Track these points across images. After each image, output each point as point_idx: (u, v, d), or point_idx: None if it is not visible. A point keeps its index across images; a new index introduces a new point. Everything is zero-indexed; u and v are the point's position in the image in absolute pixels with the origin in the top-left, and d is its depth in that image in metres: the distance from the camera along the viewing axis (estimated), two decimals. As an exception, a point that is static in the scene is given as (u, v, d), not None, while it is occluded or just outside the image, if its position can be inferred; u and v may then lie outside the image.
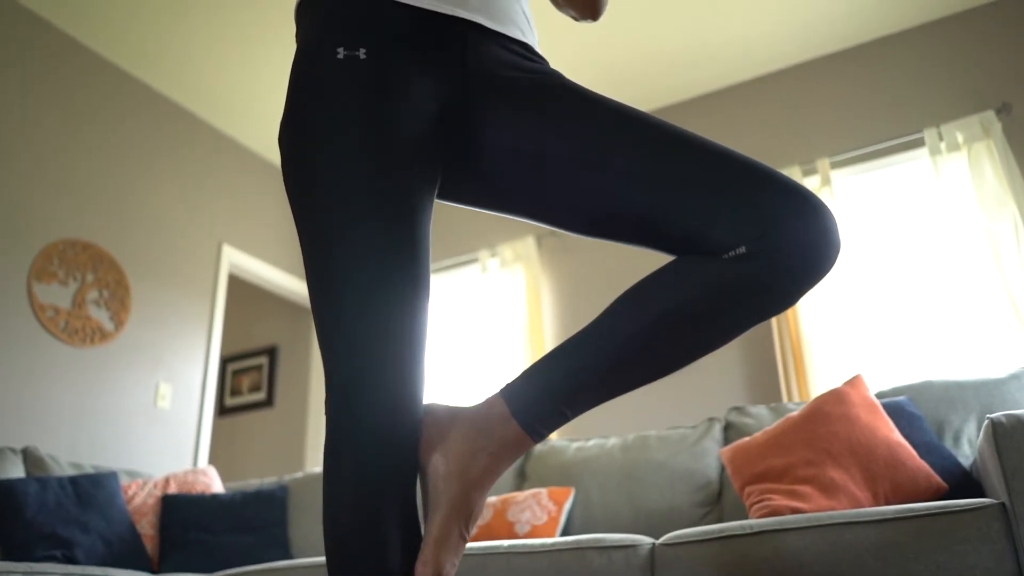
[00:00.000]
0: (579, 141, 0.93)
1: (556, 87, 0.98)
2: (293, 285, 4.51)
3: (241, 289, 5.37)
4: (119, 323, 3.53)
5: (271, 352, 5.00)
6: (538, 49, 1.08)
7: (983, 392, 2.20)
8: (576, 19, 1.17)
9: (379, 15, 0.96)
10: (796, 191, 0.84)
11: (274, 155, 4.57)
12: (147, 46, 3.69)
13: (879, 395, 2.33)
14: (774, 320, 3.51)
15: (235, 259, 4.20)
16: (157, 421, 3.59)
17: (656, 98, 4.19)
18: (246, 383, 5.04)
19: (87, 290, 3.45)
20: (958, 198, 3.35)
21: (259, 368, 5.02)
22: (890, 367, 3.36)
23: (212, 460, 4.96)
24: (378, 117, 0.91)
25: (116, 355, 3.49)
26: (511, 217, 1.14)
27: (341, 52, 0.94)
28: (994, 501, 1.54)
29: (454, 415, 0.93)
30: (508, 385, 0.91)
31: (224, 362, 5.19)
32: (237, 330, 5.24)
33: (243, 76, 3.89)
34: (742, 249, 0.82)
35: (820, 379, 3.34)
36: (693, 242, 0.85)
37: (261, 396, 4.94)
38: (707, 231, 0.84)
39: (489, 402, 0.92)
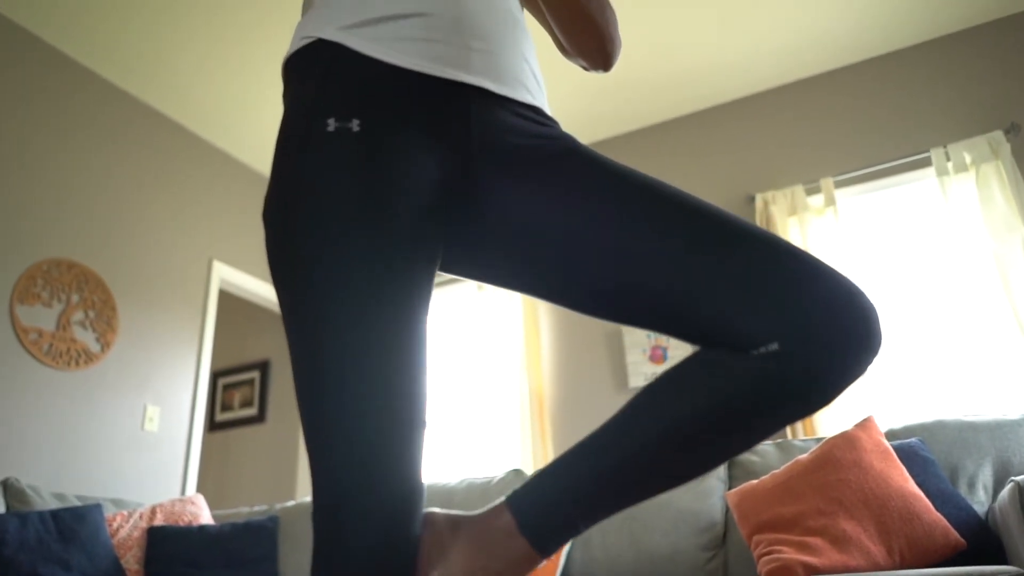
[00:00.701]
0: (592, 218, 0.85)
1: (568, 155, 0.90)
2: (285, 300, 4.41)
3: (232, 303, 5.27)
4: (105, 344, 3.43)
5: (263, 367, 4.91)
6: (548, 110, 1.00)
7: (998, 435, 2.12)
8: (587, 69, 1.10)
9: (375, 80, 0.87)
10: (839, 283, 0.75)
11: (265, 166, 4.47)
12: (136, 58, 3.59)
13: (890, 434, 2.26)
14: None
15: (226, 275, 4.11)
16: (144, 445, 3.49)
17: (656, 113, 4.10)
18: (237, 398, 4.95)
19: (72, 311, 3.35)
20: (966, 220, 3.28)
21: (251, 383, 4.92)
22: (897, 395, 3.28)
23: (202, 478, 4.86)
24: (374, 198, 0.83)
25: (102, 377, 3.40)
26: (513, 292, 1.04)
27: (332, 123, 0.85)
28: (1018, 570, 1.47)
29: (455, 526, 0.84)
30: (515, 493, 0.83)
31: (215, 376, 5.09)
32: (228, 344, 5.15)
33: (234, 88, 3.80)
34: (774, 346, 0.73)
35: (825, 419, 3.26)
36: (718, 333, 0.76)
37: (252, 411, 4.85)
38: (735, 322, 0.75)
39: (494, 511, 0.83)
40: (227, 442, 4.89)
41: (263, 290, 4.31)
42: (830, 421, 3.22)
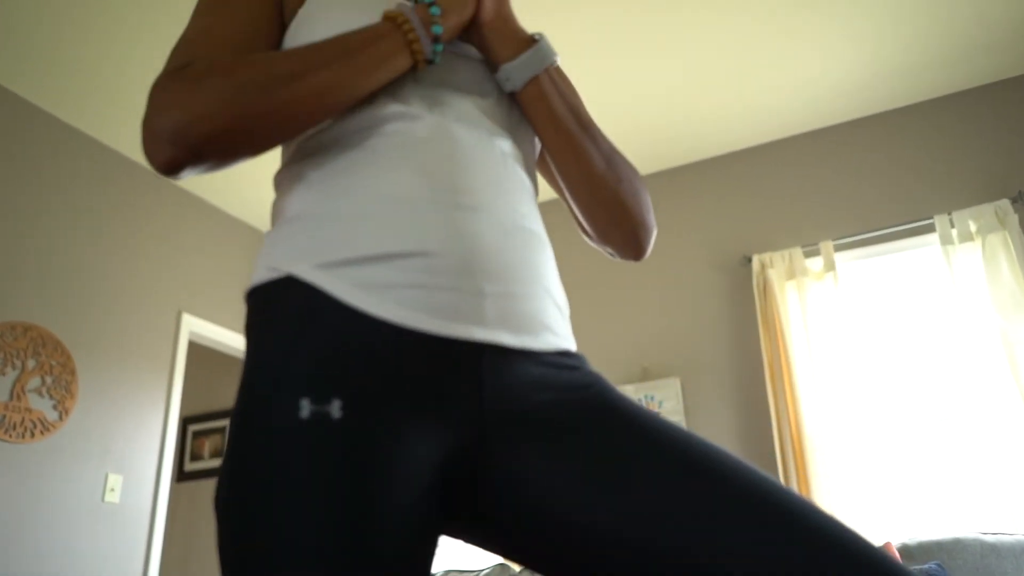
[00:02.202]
0: (621, 498, 0.69)
1: (597, 411, 0.74)
2: (258, 350, 4.20)
3: (202, 349, 5.05)
4: (64, 411, 3.21)
5: (234, 415, 4.69)
6: (572, 342, 0.83)
7: (1023, 559, 1.99)
8: (614, 256, 0.94)
9: (362, 341, 0.69)
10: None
11: (239, 210, 4.26)
12: (90, 95, 3.38)
13: (904, 552, 2.11)
14: (774, 419, 3.28)
15: (196, 327, 3.89)
16: (105, 518, 3.27)
17: (651, 162, 3.95)
18: (207, 447, 4.73)
19: (27, 378, 3.13)
20: (971, 294, 3.15)
21: (221, 432, 4.70)
22: (902, 489, 3.15)
23: (168, 534, 4.64)
24: (358, 505, 0.65)
25: (60, 448, 3.18)
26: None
27: (306, 407, 0.67)
28: None
29: None
30: None
31: (184, 422, 4.87)
32: (198, 389, 4.92)
33: None
34: None
35: (824, 485, 3.12)
36: None
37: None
38: None
39: None
40: (196, 494, 4.67)
41: (236, 341, 4.10)
42: (827, 491, 3.07)
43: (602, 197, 0.86)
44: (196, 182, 3.98)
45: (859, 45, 3.16)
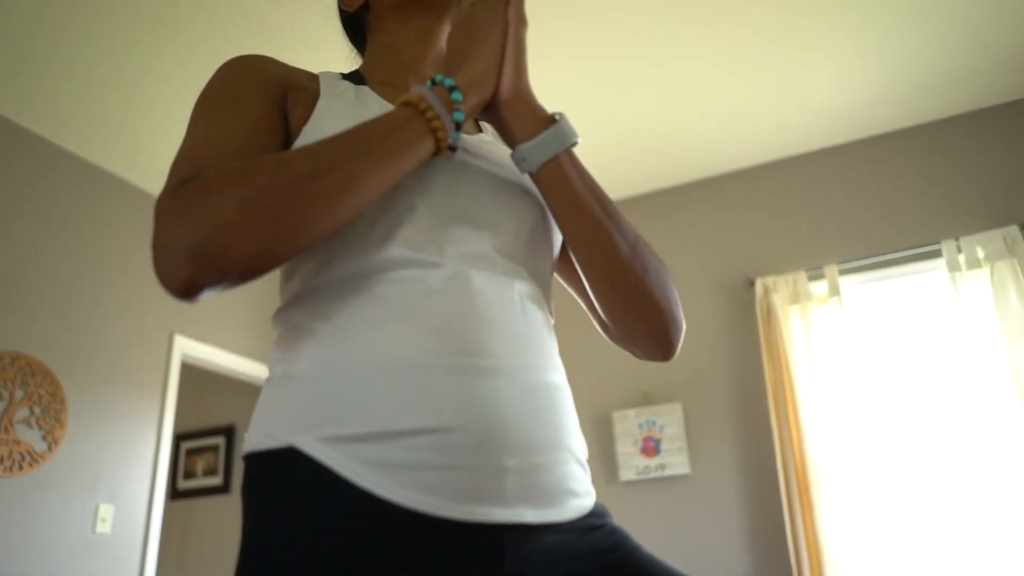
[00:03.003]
0: None
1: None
2: (251, 369, 4.13)
3: (195, 368, 4.97)
4: (53, 442, 3.14)
5: (228, 432, 4.63)
6: (593, 498, 0.76)
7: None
8: (638, 356, 0.86)
9: (373, 527, 0.63)
10: None
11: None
12: (80, 115, 3.29)
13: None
14: (777, 446, 3.23)
15: (188, 349, 3.82)
16: (96, 550, 3.21)
17: (652, 180, 3.88)
18: (200, 465, 4.66)
19: (15, 409, 3.05)
20: (979, 321, 3.09)
21: (215, 449, 4.64)
22: (900, 505, 3.10)
23: (162, 556, 4.57)
24: None
25: (49, 480, 3.10)
26: None
27: None
28: None
29: None
30: None
31: (177, 439, 4.80)
32: (191, 406, 4.85)
33: None
34: None
35: (828, 514, 3.07)
36: None
37: (217, 480, 4.57)
38: None
39: None
40: (189, 512, 4.61)
41: (230, 361, 4.02)
42: (833, 525, 3.01)
43: (627, 288, 0.79)
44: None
45: (867, 64, 3.08)
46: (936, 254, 3.31)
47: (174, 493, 4.69)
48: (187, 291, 0.61)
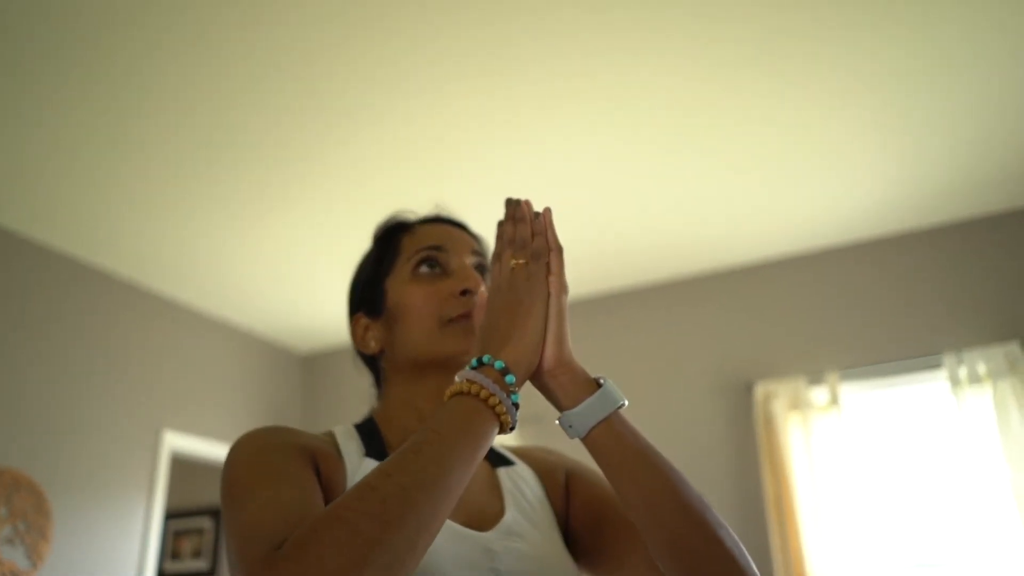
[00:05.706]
0: None
1: None
2: (242, 458, 4.04)
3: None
4: (37, 559, 3.05)
5: (215, 515, 4.54)
6: None
7: None
8: None
9: None
10: None
11: (224, 311, 4.10)
12: (63, 212, 3.22)
13: None
14: (777, 557, 3.19)
15: (178, 444, 3.73)
16: (80, 668, 3.12)
17: (651, 272, 3.85)
18: (187, 547, 4.57)
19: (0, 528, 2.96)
20: (981, 440, 3.07)
21: (200, 532, 4.55)
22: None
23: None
24: None
25: (32, 599, 3.01)
26: None
27: None
28: None
29: None
30: None
31: (165, 518, 4.69)
32: (177, 485, 4.75)
33: (176, 234, 3.38)
34: None
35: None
36: None
37: (203, 565, 4.48)
38: None
39: None
40: (175, 597, 4.51)
41: (218, 452, 3.94)
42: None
43: (699, 542, 0.71)
44: (171, 283, 3.78)
45: (875, 168, 3.01)
46: (938, 364, 3.28)
47: (160, 575, 4.59)
48: None
